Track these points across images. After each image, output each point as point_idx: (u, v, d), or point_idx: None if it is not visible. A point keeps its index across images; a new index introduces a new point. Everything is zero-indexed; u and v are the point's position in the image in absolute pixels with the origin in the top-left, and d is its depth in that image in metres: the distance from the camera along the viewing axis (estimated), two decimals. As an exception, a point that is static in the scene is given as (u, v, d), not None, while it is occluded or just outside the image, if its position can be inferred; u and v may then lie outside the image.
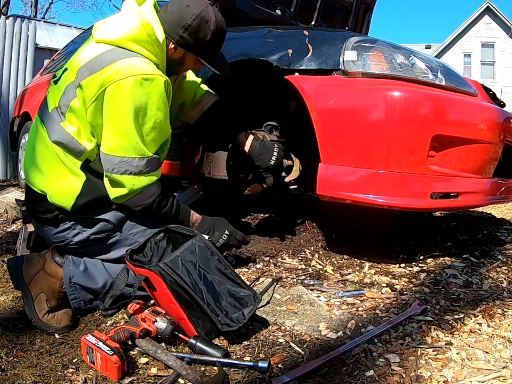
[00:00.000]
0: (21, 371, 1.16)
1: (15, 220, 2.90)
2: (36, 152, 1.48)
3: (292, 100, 1.83)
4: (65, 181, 1.41)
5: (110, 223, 1.45)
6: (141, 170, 1.38)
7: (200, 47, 1.47)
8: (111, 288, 1.32)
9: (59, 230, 1.45)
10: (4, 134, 4.92)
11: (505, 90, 12.75)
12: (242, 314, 1.23)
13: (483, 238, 2.07)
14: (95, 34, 1.42)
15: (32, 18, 9.73)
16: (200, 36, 1.44)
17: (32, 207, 1.52)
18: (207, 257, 1.30)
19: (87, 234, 1.45)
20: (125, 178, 1.37)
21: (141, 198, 1.42)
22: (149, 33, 1.39)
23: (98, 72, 1.33)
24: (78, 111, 1.38)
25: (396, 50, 1.61)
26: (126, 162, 1.35)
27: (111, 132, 1.35)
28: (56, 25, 8.21)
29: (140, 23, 1.38)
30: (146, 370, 1.15)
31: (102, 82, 1.32)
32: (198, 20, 1.42)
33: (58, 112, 1.42)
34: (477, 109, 1.68)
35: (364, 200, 1.53)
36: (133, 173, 1.37)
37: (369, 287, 1.55)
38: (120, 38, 1.37)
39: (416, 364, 1.07)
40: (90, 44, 1.43)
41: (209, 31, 1.44)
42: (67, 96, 1.40)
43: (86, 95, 1.34)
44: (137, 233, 1.48)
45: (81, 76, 1.36)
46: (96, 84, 1.33)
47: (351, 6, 2.88)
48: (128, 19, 1.40)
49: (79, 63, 1.39)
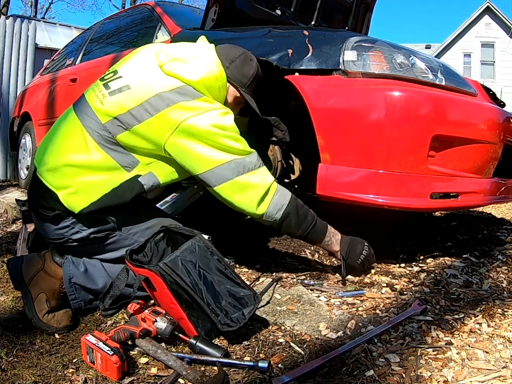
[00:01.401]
0: (21, 371, 1.16)
1: (15, 220, 2.90)
2: (64, 150, 1.42)
3: (292, 99, 1.83)
4: (88, 185, 1.39)
5: (110, 222, 1.45)
6: (256, 165, 1.40)
7: (243, 81, 1.54)
8: (111, 288, 1.32)
9: (59, 227, 1.45)
10: (4, 134, 4.93)
11: (505, 90, 12.75)
12: (242, 314, 1.23)
13: (483, 238, 2.07)
14: (166, 66, 1.42)
15: (32, 18, 9.74)
16: (245, 70, 1.54)
17: (37, 201, 1.49)
18: (206, 257, 1.30)
19: (87, 233, 1.44)
20: (249, 176, 1.38)
21: (280, 196, 1.43)
22: (222, 86, 1.49)
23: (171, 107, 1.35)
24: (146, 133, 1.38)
25: (396, 50, 1.61)
26: (240, 163, 1.38)
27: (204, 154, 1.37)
28: (56, 25, 8.22)
29: (218, 73, 1.47)
30: (146, 370, 1.15)
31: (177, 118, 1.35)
32: (244, 56, 1.55)
33: (115, 124, 1.39)
34: (477, 109, 1.68)
35: (363, 200, 1.53)
36: (251, 169, 1.39)
37: (369, 287, 1.55)
38: (197, 81, 1.41)
39: (416, 364, 1.07)
40: (156, 71, 1.43)
41: (252, 68, 1.55)
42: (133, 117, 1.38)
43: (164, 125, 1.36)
44: (137, 232, 1.48)
45: (160, 103, 1.36)
46: (170, 118, 1.35)
47: (351, 6, 2.88)
48: (207, 65, 1.46)
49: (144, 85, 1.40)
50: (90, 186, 1.39)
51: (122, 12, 3.54)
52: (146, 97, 1.38)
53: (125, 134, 1.39)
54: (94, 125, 1.41)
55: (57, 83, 3.45)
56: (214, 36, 2.07)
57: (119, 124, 1.39)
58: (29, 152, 3.82)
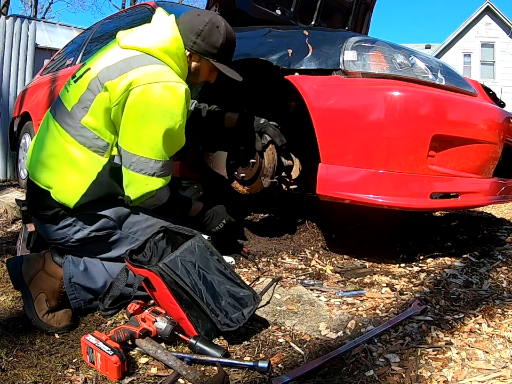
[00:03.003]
0: (21, 371, 1.16)
1: (15, 220, 2.90)
2: (45, 149, 1.47)
3: (292, 99, 1.83)
4: (73, 178, 1.41)
5: (110, 220, 1.45)
6: (155, 172, 1.43)
7: (213, 52, 1.54)
8: (110, 289, 1.32)
9: (59, 227, 1.45)
10: (4, 134, 4.93)
11: (505, 90, 12.75)
12: (242, 315, 1.23)
13: (483, 238, 2.07)
14: (122, 41, 1.47)
15: (32, 18, 9.75)
16: (213, 40, 1.52)
17: (33, 203, 1.51)
18: (206, 257, 1.30)
19: (87, 231, 1.45)
20: (139, 177, 1.42)
21: (154, 200, 1.49)
22: (179, 46, 1.48)
23: (125, 74, 1.37)
24: (102, 108, 1.39)
25: (396, 50, 1.61)
26: (143, 162, 1.40)
27: (133, 131, 1.40)
28: (56, 25, 8.22)
29: (171, 36, 1.47)
30: (146, 370, 1.15)
31: (129, 84, 1.36)
32: (210, 25, 1.52)
33: (79, 108, 1.42)
34: (477, 109, 1.68)
35: (363, 200, 1.53)
36: (147, 173, 1.42)
37: (369, 287, 1.55)
38: (151, 47, 1.43)
39: (416, 364, 1.07)
40: (115, 49, 1.48)
41: (220, 36, 1.52)
42: (91, 92, 1.41)
43: (112, 95, 1.37)
44: (137, 231, 1.49)
45: (107, 75, 1.39)
46: (122, 84, 1.36)
47: (351, 6, 2.88)
48: (161, 30, 1.48)
49: (104, 63, 1.43)
50: (74, 179, 1.41)
51: (122, 12, 3.54)
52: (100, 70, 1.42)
53: (88, 115, 1.40)
54: (63, 116, 1.44)
55: (57, 83, 3.45)
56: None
57: (83, 106, 1.41)
58: (29, 152, 3.81)
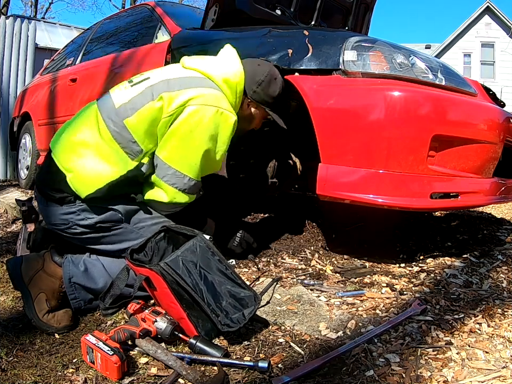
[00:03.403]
0: (21, 371, 1.16)
1: (15, 220, 2.90)
2: (79, 134, 1.46)
3: (292, 99, 1.83)
4: (95, 171, 1.41)
5: (118, 213, 1.46)
6: (186, 189, 1.48)
7: (269, 101, 1.62)
8: (111, 288, 1.32)
9: (64, 212, 1.44)
10: (4, 134, 4.93)
11: (505, 90, 12.75)
12: (243, 315, 1.23)
13: (483, 238, 2.07)
14: (186, 62, 1.56)
15: (32, 18, 9.75)
16: (271, 91, 1.60)
17: (44, 179, 1.50)
18: (208, 258, 1.30)
19: (93, 221, 1.44)
20: (170, 190, 1.47)
21: (172, 209, 1.54)
22: (240, 82, 1.53)
23: (185, 90, 1.43)
24: (149, 115, 1.42)
25: (396, 50, 1.61)
26: (178, 176, 1.46)
27: (177, 145, 1.44)
28: (56, 25, 8.23)
29: (237, 70, 1.53)
30: (146, 370, 1.15)
31: (187, 100, 1.41)
32: (269, 77, 1.60)
33: (127, 108, 1.44)
34: (477, 109, 1.68)
35: (363, 200, 1.53)
36: (179, 188, 1.47)
37: (369, 287, 1.55)
38: (213, 73, 1.50)
39: (416, 364, 1.07)
40: (177, 67, 1.57)
41: (277, 87, 1.62)
42: (144, 97, 1.44)
43: (166, 106, 1.41)
44: (143, 227, 1.49)
45: (166, 87, 1.44)
46: (180, 99, 1.41)
47: (351, 6, 2.88)
48: (228, 61, 1.55)
49: (164, 76, 1.50)
50: (96, 172, 1.41)
51: (122, 12, 3.54)
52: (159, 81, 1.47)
53: (133, 117, 1.42)
54: (108, 110, 1.46)
55: (57, 83, 3.45)
56: (214, 36, 2.08)
57: (131, 107, 1.43)
58: (29, 152, 3.82)
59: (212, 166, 1.54)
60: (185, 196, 1.49)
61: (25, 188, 3.81)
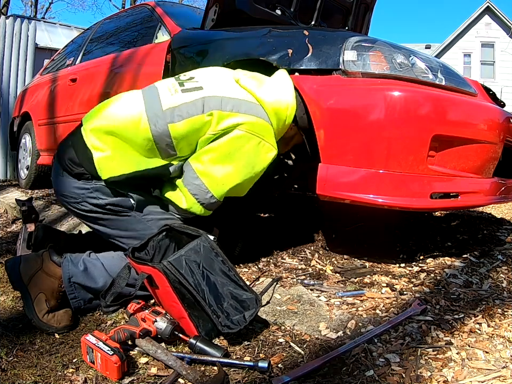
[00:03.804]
0: (21, 371, 1.16)
1: (15, 220, 2.90)
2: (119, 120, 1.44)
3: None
4: (124, 157, 1.41)
5: (131, 200, 1.46)
6: (204, 203, 1.50)
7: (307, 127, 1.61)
8: (112, 285, 1.32)
9: (79, 186, 1.44)
10: (4, 134, 4.93)
11: (505, 90, 12.75)
12: (243, 317, 1.23)
13: (483, 238, 2.07)
14: (241, 80, 1.53)
15: (32, 18, 9.76)
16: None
17: (67, 151, 1.48)
18: (211, 258, 1.30)
19: (105, 202, 1.45)
20: (189, 198, 1.49)
21: (184, 215, 1.54)
22: (290, 116, 1.53)
23: (236, 113, 1.43)
24: (195, 126, 1.42)
25: (396, 50, 1.61)
26: (202, 189, 1.47)
27: (213, 162, 1.45)
28: (56, 25, 8.23)
29: (290, 103, 1.53)
30: (146, 370, 1.15)
31: (236, 124, 1.42)
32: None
33: (174, 113, 1.43)
34: (477, 109, 1.68)
35: (363, 200, 1.53)
36: (198, 200, 1.49)
37: (369, 287, 1.55)
38: (268, 102, 1.49)
39: (416, 364, 1.07)
40: (231, 81, 1.55)
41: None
42: (195, 108, 1.43)
43: (215, 124, 1.42)
44: (151, 219, 1.49)
45: (219, 105, 1.43)
46: (230, 122, 1.42)
47: (351, 6, 2.88)
48: (283, 92, 1.53)
49: (218, 91, 1.48)
50: (126, 159, 1.41)
51: (122, 12, 3.54)
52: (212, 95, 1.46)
53: (178, 123, 1.42)
54: (155, 110, 1.44)
55: (57, 83, 3.45)
56: (214, 36, 2.08)
57: (179, 113, 1.43)
58: (29, 152, 3.82)
59: (238, 191, 1.54)
60: (201, 209, 1.51)
61: (25, 188, 3.81)
